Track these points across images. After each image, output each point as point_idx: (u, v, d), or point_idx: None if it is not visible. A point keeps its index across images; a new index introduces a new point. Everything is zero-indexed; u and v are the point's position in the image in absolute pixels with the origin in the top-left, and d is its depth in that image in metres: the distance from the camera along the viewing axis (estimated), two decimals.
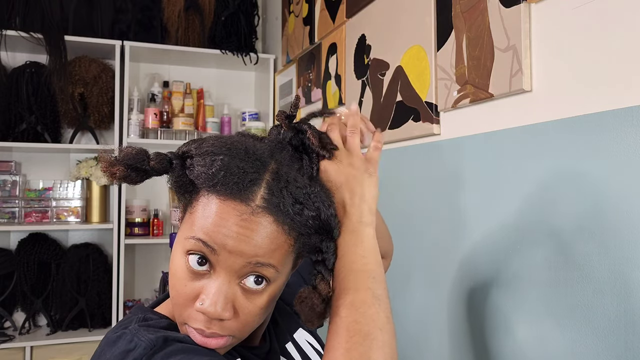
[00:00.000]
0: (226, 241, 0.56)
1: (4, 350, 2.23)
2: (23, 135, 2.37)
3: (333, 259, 0.61)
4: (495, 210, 1.12)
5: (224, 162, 0.57)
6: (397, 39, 1.50)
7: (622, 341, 0.83)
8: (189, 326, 0.59)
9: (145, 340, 0.56)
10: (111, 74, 2.49)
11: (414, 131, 1.41)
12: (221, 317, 0.57)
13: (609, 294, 0.86)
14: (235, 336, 0.60)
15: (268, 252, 0.57)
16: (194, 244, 0.57)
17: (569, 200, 0.94)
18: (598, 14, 0.90)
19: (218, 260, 0.57)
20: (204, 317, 0.57)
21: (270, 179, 0.58)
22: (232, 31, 2.64)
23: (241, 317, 0.59)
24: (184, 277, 0.59)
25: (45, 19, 2.36)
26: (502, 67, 1.09)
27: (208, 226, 0.56)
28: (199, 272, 0.58)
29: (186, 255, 0.58)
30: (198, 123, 2.64)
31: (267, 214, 0.57)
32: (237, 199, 0.56)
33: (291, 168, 0.61)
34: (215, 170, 0.56)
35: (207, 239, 0.56)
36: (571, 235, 0.93)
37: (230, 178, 0.56)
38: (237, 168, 0.57)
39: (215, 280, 0.57)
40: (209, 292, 0.57)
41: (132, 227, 2.51)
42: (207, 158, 0.58)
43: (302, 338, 0.75)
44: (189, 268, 0.58)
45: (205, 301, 0.57)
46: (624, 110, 0.84)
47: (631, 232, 0.82)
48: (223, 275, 0.57)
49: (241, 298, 0.58)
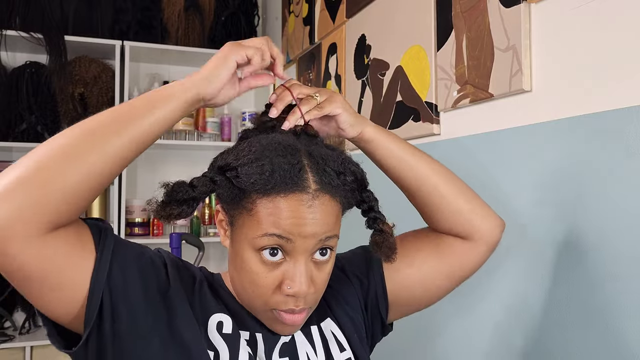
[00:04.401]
0: (301, 229, 0.62)
1: (4, 350, 2.23)
2: (23, 135, 2.37)
3: (376, 203, 0.71)
4: (495, 210, 1.12)
5: (272, 164, 0.62)
6: (397, 39, 1.50)
7: (621, 338, 0.83)
8: (278, 310, 0.65)
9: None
10: (111, 74, 2.49)
11: (414, 131, 1.41)
12: (308, 294, 0.64)
13: (607, 292, 0.86)
14: (312, 306, 0.68)
15: (333, 226, 0.65)
16: (269, 240, 0.62)
17: (569, 200, 0.94)
18: (598, 14, 0.90)
19: (294, 247, 0.63)
20: (293, 298, 0.64)
21: (308, 161, 0.64)
22: (232, 31, 2.64)
23: (318, 287, 0.66)
24: (262, 271, 0.64)
25: (45, 19, 2.36)
26: (502, 67, 1.09)
27: (281, 221, 0.62)
28: (275, 263, 0.64)
29: (259, 252, 0.64)
30: (198, 123, 2.64)
31: (325, 193, 0.63)
32: (297, 190, 0.62)
33: (316, 145, 0.68)
34: (268, 174, 0.61)
35: (282, 232, 0.62)
36: (571, 235, 0.93)
37: (283, 175, 0.62)
38: (285, 164, 0.62)
39: (295, 264, 0.64)
40: (294, 277, 0.63)
41: (132, 227, 2.51)
42: (254, 165, 0.62)
43: (328, 328, 0.76)
44: (266, 261, 0.64)
45: (293, 285, 0.63)
46: (624, 110, 0.84)
47: (631, 231, 0.82)
48: (300, 257, 0.64)
49: (315, 271, 0.65)
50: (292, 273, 0.63)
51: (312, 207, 0.62)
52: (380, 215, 0.71)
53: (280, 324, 0.67)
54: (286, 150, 0.63)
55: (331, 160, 0.65)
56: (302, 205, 0.62)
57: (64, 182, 0.54)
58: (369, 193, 0.71)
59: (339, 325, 0.76)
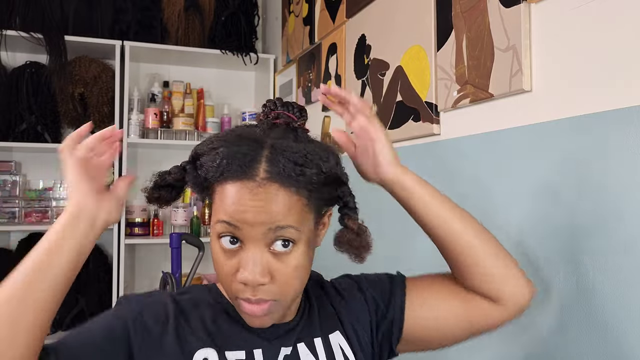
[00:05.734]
0: (245, 216, 0.63)
1: None
2: (23, 135, 2.37)
3: (351, 199, 0.70)
4: (495, 210, 1.12)
5: (224, 152, 0.65)
6: (397, 39, 1.50)
7: (619, 336, 0.83)
8: (239, 298, 0.66)
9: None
10: (111, 74, 2.49)
11: (414, 131, 1.41)
12: (260, 282, 0.64)
13: (608, 292, 0.86)
14: (278, 300, 0.67)
15: (283, 215, 0.64)
16: (221, 227, 0.65)
17: (569, 200, 0.94)
18: (598, 14, 0.90)
19: (244, 235, 0.64)
20: (248, 287, 0.65)
21: (268, 153, 0.65)
22: (232, 31, 2.64)
23: (279, 279, 0.66)
24: (222, 257, 0.66)
25: (45, 19, 2.36)
26: (502, 67, 1.09)
27: (227, 208, 0.64)
28: (232, 250, 0.65)
29: (219, 239, 0.66)
30: (198, 123, 2.64)
31: (273, 182, 0.63)
32: (244, 177, 0.63)
33: (286, 139, 0.67)
34: (218, 161, 0.64)
35: (229, 218, 0.64)
36: (571, 235, 0.93)
37: (233, 162, 0.64)
38: (237, 153, 0.64)
39: (247, 252, 0.65)
40: (245, 264, 0.64)
41: (132, 227, 2.51)
42: (211, 154, 0.66)
43: (335, 341, 0.75)
44: (223, 248, 0.66)
45: (244, 272, 0.64)
46: (624, 110, 0.84)
47: (631, 231, 0.82)
48: (252, 246, 0.65)
49: (274, 262, 0.65)
50: (244, 261, 0.65)
51: (256, 194, 0.63)
52: (350, 212, 0.70)
53: (245, 315, 0.68)
54: (245, 141, 0.66)
55: (293, 152, 0.65)
56: (247, 192, 0.63)
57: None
58: (345, 188, 0.70)
59: (348, 340, 0.76)
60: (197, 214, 2.58)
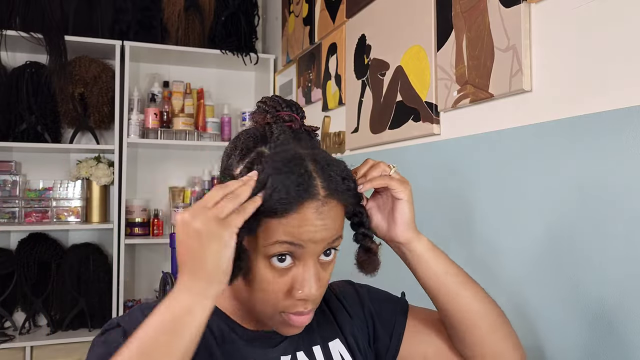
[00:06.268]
0: (312, 236, 0.62)
1: (4, 350, 2.23)
2: (23, 135, 2.37)
3: (366, 219, 0.71)
4: (495, 210, 1.12)
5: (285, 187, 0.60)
6: (397, 39, 1.50)
7: (616, 336, 0.83)
8: (287, 313, 0.65)
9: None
10: (111, 74, 2.49)
11: (414, 131, 1.41)
12: (317, 296, 0.65)
13: (609, 291, 0.86)
14: (317, 304, 0.68)
15: (340, 229, 0.66)
16: (280, 247, 0.62)
17: (569, 200, 0.94)
18: (598, 14, 0.90)
19: (304, 252, 0.63)
20: (303, 301, 0.65)
21: (314, 166, 0.63)
22: (232, 31, 2.64)
23: (323, 286, 0.67)
24: (271, 276, 0.64)
25: (45, 19, 2.35)
26: (502, 67, 1.09)
27: (292, 230, 0.62)
28: (284, 268, 0.64)
29: (268, 259, 0.63)
30: (198, 123, 2.64)
31: (332, 199, 0.64)
32: (308, 198, 0.62)
33: (317, 149, 0.67)
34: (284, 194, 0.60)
35: (293, 239, 0.62)
36: (571, 235, 0.93)
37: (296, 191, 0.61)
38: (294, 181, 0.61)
39: (304, 268, 0.64)
40: (304, 281, 0.64)
41: (132, 227, 2.51)
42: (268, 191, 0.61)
43: (335, 349, 0.76)
44: (276, 267, 0.64)
45: (304, 289, 0.64)
46: (624, 110, 0.84)
47: (631, 231, 0.82)
48: (309, 261, 0.64)
49: (321, 272, 0.66)
50: (302, 278, 0.64)
51: (322, 213, 0.62)
52: (369, 233, 0.71)
53: (288, 326, 0.67)
54: (292, 164, 0.62)
55: (335, 166, 0.65)
56: (313, 212, 0.62)
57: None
58: (363, 208, 0.72)
59: (349, 347, 0.77)
60: None
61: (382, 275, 0.72)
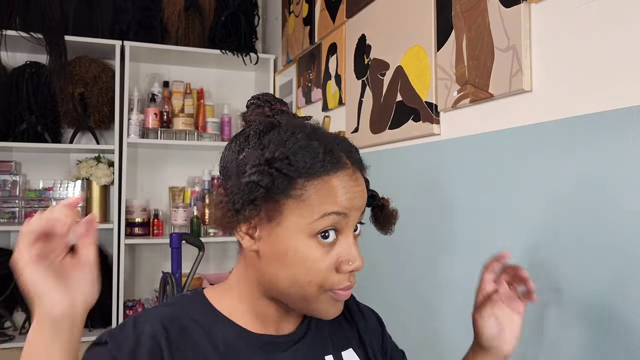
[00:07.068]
0: (354, 202, 0.65)
1: (4, 350, 2.23)
2: (23, 135, 2.37)
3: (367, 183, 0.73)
4: (495, 210, 1.12)
5: (324, 146, 0.63)
6: (397, 39, 1.50)
7: (616, 337, 0.83)
8: (335, 290, 0.65)
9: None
10: (111, 74, 2.49)
11: (414, 131, 1.41)
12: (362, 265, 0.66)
13: (608, 293, 0.86)
14: None
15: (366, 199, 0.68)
16: (328, 220, 0.63)
17: (569, 200, 0.94)
18: (598, 14, 0.90)
19: (347, 223, 0.65)
20: (348, 275, 0.65)
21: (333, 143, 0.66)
22: (232, 31, 2.64)
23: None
24: (319, 254, 0.64)
25: (45, 19, 2.35)
26: (502, 67, 1.09)
27: (338, 199, 0.63)
28: (330, 244, 0.64)
29: (315, 237, 0.63)
30: (198, 123, 2.64)
31: (357, 169, 0.67)
32: (343, 167, 0.64)
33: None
34: (322, 156, 0.62)
35: (340, 208, 0.63)
36: (571, 235, 0.93)
37: (333, 155, 0.63)
38: (327, 146, 0.64)
39: (346, 241, 0.65)
40: (351, 253, 0.65)
41: (132, 227, 2.51)
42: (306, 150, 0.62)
43: (349, 358, 0.75)
44: (323, 244, 0.64)
45: (354, 262, 0.65)
46: (624, 110, 0.84)
47: (631, 231, 0.82)
48: (349, 233, 0.66)
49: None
50: (349, 250, 0.65)
51: (357, 180, 0.66)
52: (376, 193, 0.75)
53: (334, 304, 0.67)
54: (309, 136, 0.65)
55: (343, 141, 0.68)
56: (350, 180, 0.64)
57: None
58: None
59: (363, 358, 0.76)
60: (197, 214, 2.58)
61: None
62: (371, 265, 0.76)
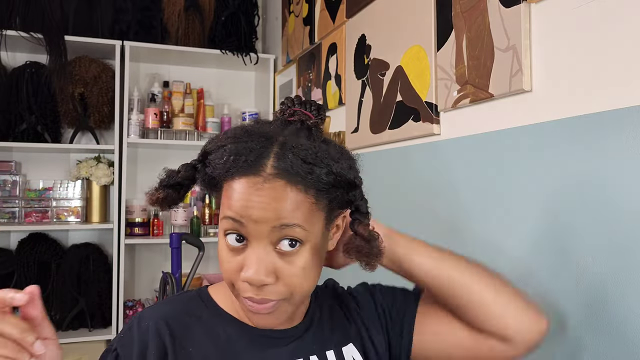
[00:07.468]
0: (250, 212, 0.61)
1: None
2: (23, 135, 2.37)
3: (363, 203, 0.67)
4: (495, 210, 1.12)
5: (231, 149, 0.62)
6: (397, 39, 1.50)
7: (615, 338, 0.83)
8: (242, 297, 0.64)
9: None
10: (111, 74, 2.49)
11: (414, 131, 1.41)
12: (264, 282, 0.62)
13: (609, 290, 0.86)
14: (286, 299, 0.65)
15: (289, 213, 0.61)
16: (226, 223, 0.63)
17: (569, 200, 0.94)
18: (598, 14, 0.90)
19: (249, 232, 0.62)
20: (253, 287, 0.63)
21: (278, 149, 0.62)
22: (232, 31, 2.64)
23: (284, 279, 0.63)
24: (227, 255, 0.65)
25: (45, 19, 2.35)
26: (502, 67, 1.09)
27: (233, 204, 0.62)
28: (238, 248, 0.64)
29: (225, 236, 0.64)
30: (198, 123, 2.64)
31: (279, 179, 0.61)
32: (250, 173, 0.61)
33: (298, 137, 0.65)
34: (225, 158, 0.62)
35: (234, 214, 0.62)
36: (572, 235, 0.93)
37: (239, 158, 0.62)
38: (244, 149, 0.62)
39: (252, 250, 0.63)
40: (250, 262, 0.62)
41: (132, 227, 2.51)
42: (219, 151, 0.64)
43: (349, 353, 0.74)
44: (229, 246, 0.64)
45: (247, 270, 0.62)
46: (624, 110, 0.84)
47: (632, 231, 0.82)
48: (257, 244, 0.63)
49: (280, 262, 0.63)
50: (249, 259, 0.63)
51: (261, 190, 0.61)
52: (360, 217, 0.66)
53: (250, 313, 0.66)
54: (253, 137, 0.63)
55: (303, 150, 0.62)
56: (252, 187, 0.61)
57: None
58: (356, 192, 0.66)
59: (364, 353, 0.75)
60: (197, 214, 2.58)
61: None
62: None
